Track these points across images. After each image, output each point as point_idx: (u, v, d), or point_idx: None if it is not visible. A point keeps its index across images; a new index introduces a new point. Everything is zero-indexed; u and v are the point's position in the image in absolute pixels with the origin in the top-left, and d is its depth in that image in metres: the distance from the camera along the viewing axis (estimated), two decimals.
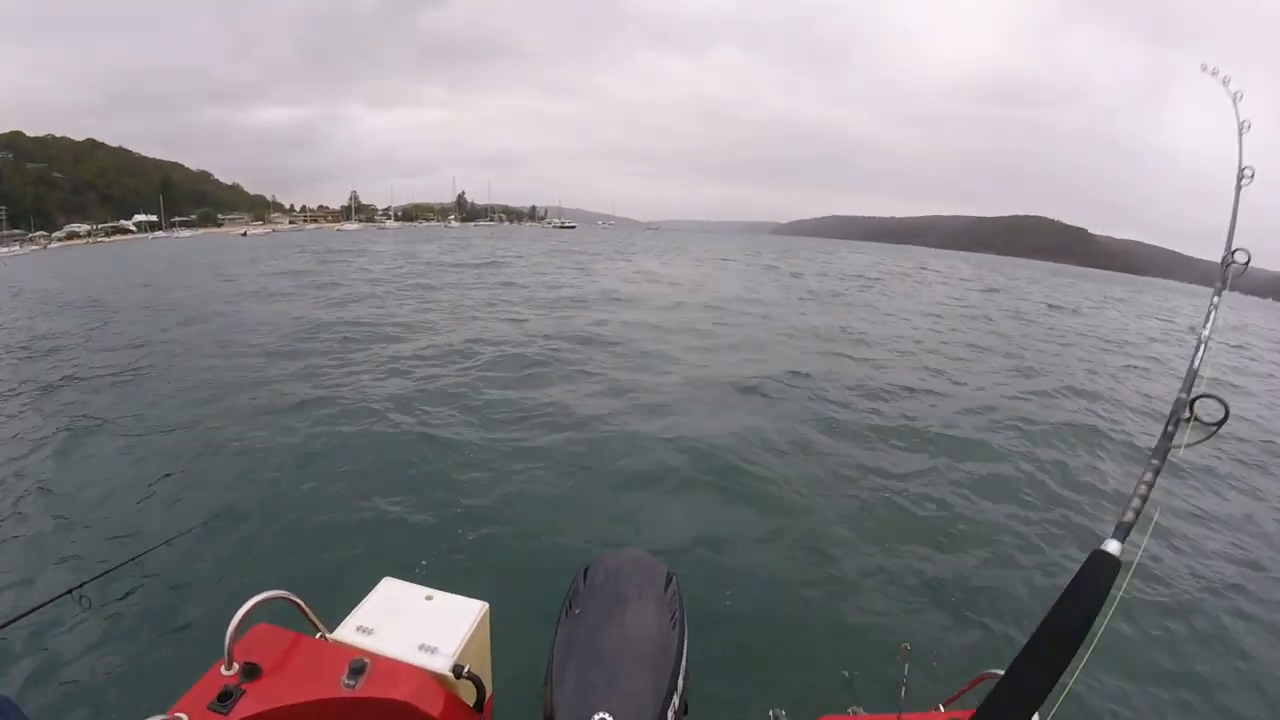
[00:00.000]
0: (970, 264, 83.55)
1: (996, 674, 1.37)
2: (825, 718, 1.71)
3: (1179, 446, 1.33)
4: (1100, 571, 1.17)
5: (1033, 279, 53.39)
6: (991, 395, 10.76)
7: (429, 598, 2.05)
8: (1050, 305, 29.96)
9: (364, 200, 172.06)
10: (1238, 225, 1.83)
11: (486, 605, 2.04)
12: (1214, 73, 2.21)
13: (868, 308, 22.25)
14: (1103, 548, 1.19)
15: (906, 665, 1.51)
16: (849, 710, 1.83)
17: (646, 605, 1.67)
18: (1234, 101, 2.15)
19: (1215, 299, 1.73)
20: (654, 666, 1.50)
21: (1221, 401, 1.31)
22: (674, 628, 1.62)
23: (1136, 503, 1.25)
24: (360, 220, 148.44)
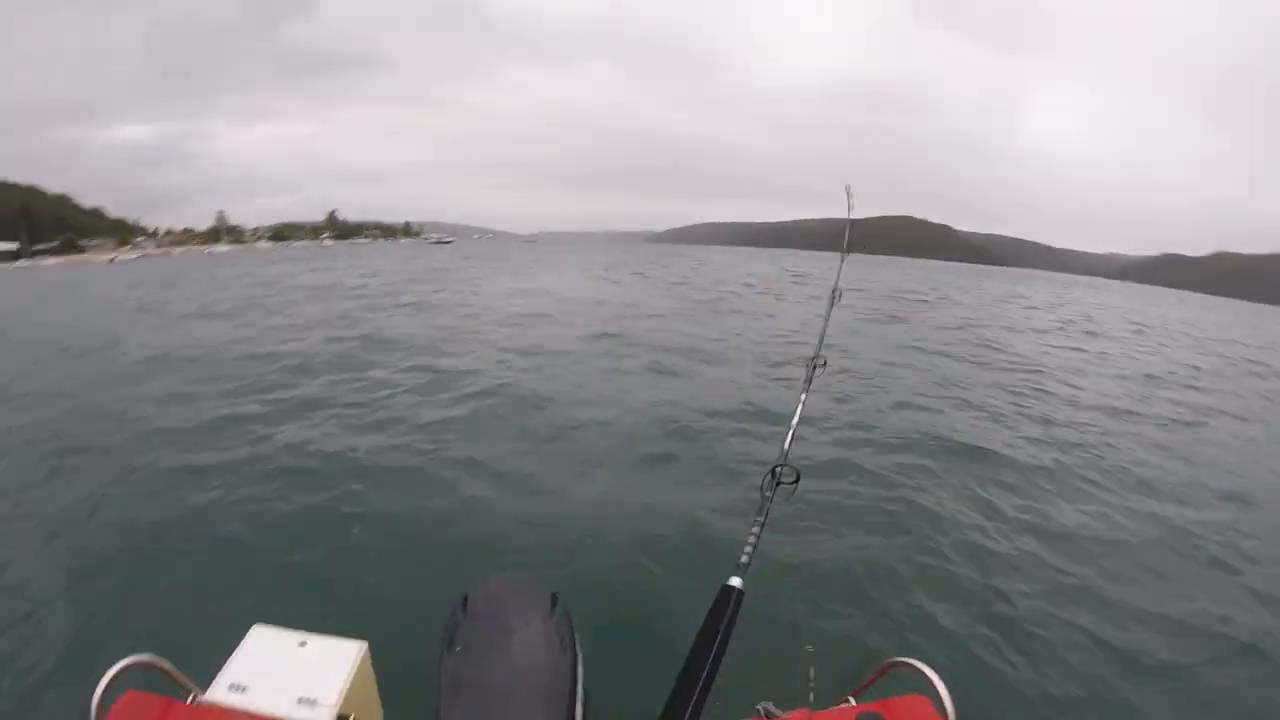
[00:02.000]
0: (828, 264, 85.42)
1: (902, 661, 1.51)
2: None
3: (770, 502, 1.77)
4: (727, 602, 1.43)
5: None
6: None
7: (302, 644, 1.92)
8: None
9: (231, 221, 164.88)
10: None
11: (365, 645, 1.93)
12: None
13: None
14: (729, 583, 1.46)
15: (812, 668, 1.54)
16: (758, 709, 1.75)
17: (533, 632, 1.60)
18: (840, 260, 3.01)
19: (802, 396, 2.23)
20: (547, 697, 1.47)
21: (794, 468, 1.80)
22: (564, 652, 1.57)
23: (749, 548, 1.56)
24: (230, 242, 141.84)
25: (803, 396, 2.18)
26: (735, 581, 1.45)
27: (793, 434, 1.98)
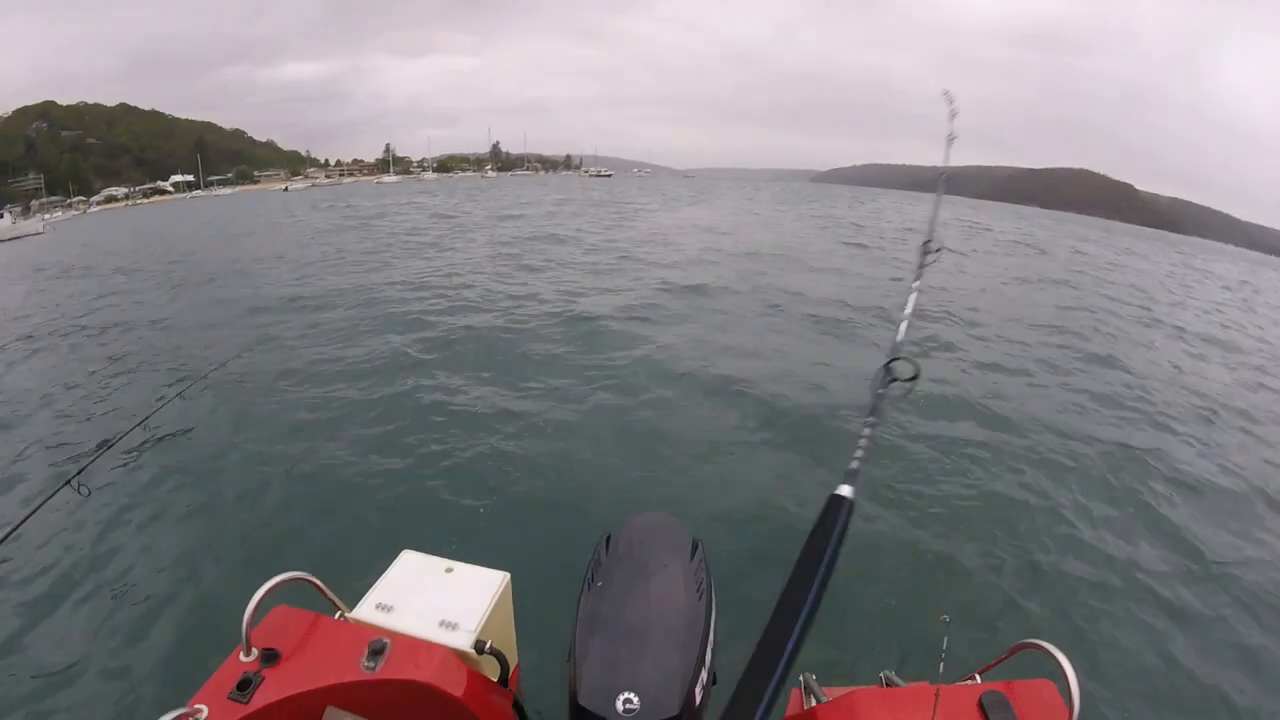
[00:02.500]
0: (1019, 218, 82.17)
1: (1034, 644, 1.53)
2: (861, 689, 1.61)
3: (885, 398, 1.52)
4: (838, 512, 1.24)
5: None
6: None
7: (449, 570, 2.03)
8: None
9: (398, 153, 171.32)
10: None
11: (508, 576, 2.02)
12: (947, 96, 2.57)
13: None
14: (837, 492, 1.28)
15: (945, 638, 1.41)
16: (880, 677, 1.86)
17: (672, 575, 1.61)
18: (950, 118, 2.56)
19: (915, 283, 1.99)
20: (681, 642, 1.46)
21: (911, 362, 1.56)
22: (700, 599, 1.57)
23: (860, 453, 1.36)
24: (397, 173, 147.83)
25: (915, 284, 1.97)
26: (844, 490, 1.28)
27: (906, 324, 1.77)
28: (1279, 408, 9.40)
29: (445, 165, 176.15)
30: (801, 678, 1.92)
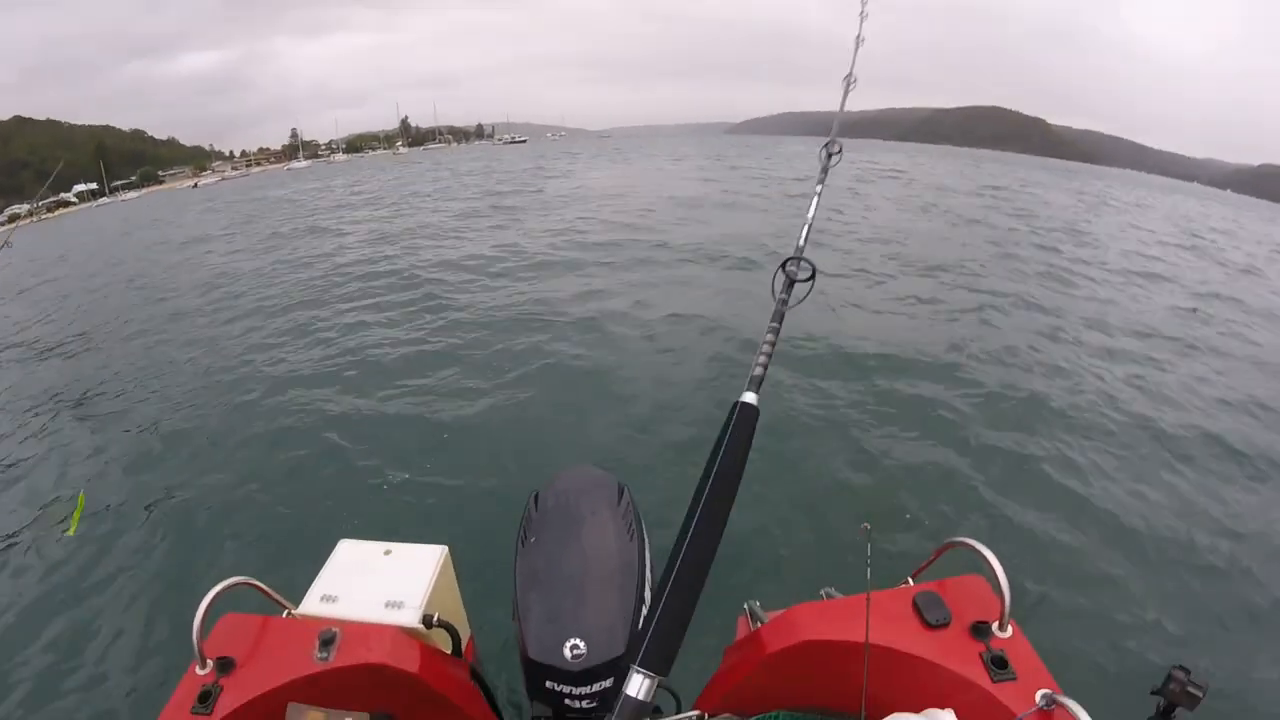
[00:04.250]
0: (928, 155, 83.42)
1: (961, 542, 1.54)
2: (799, 605, 1.68)
3: (787, 305, 1.51)
4: (745, 419, 1.26)
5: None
6: None
7: (387, 552, 2.05)
8: None
9: (305, 137, 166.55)
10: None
11: (445, 549, 2.04)
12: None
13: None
14: (743, 399, 1.28)
15: (869, 546, 1.46)
16: (821, 594, 1.89)
17: (601, 521, 1.67)
18: (860, 20, 2.48)
19: (818, 187, 1.92)
20: (619, 584, 1.52)
21: (809, 262, 1.55)
22: (631, 539, 1.63)
23: (763, 359, 1.37)
24: (306, 157, 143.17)
25: (818, 187, 1.94)
26: (749, 397, 1.29)
27: (808, 228, 1.76)
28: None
29: (355, 145, 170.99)
30: (746, 605, 2.01)
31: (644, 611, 1.45)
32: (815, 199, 1.88)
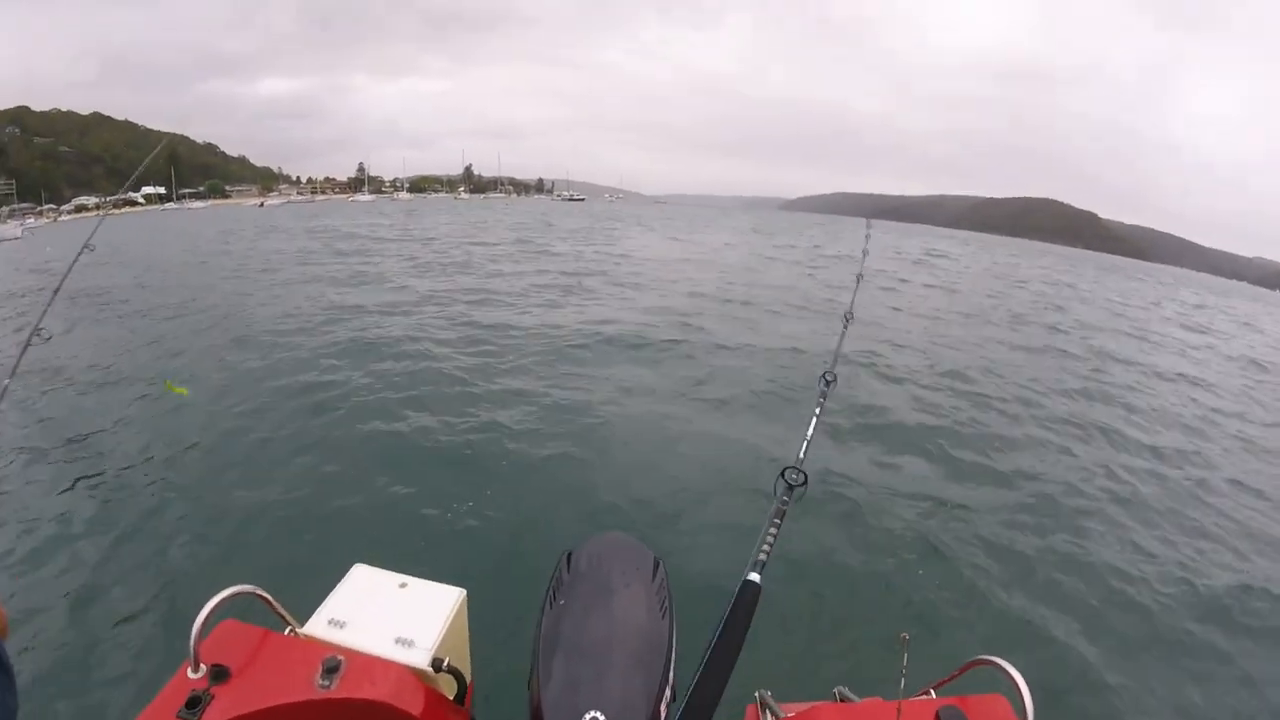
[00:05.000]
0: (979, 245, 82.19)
1: (987, 660, 1.53)
2: (820, 704, 1.70)
3: (788, 504, 1.64)
4: (748, 596, 1.38)
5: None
6: None
7: (403, 585, 1.98)
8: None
9: (371, 172, 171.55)
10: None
11: (464, 592, 1.98)
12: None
13: None
14: (747, 577, 1.40)
15: (906, 655, 1.44)
16: (834, 693, 1.84)
17: (634, 594, 1.61)
18: (862, 258, 2.65)
19: (816, 410, 2.10)
20: (645, 661, 1.46)
21: (801, 470, 1.70)
22: (663, 617, 1.58)
23: (766, 546, 1.49)
24: (370, 192, 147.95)
25: (817, 410, 2.11)
26: (754, 576, 1.42)
27: (807, 443, 1.93)
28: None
29: (419, 185, 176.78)
30: (757, 694, 1.92)
31: (667, 693, 1.42)
32: (814, 419, 2.07)
